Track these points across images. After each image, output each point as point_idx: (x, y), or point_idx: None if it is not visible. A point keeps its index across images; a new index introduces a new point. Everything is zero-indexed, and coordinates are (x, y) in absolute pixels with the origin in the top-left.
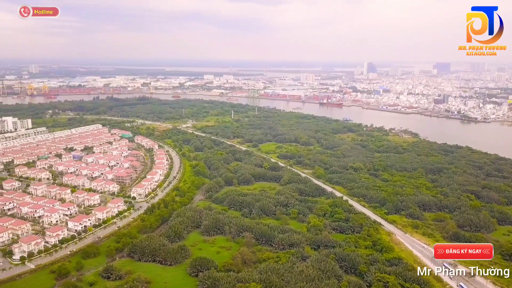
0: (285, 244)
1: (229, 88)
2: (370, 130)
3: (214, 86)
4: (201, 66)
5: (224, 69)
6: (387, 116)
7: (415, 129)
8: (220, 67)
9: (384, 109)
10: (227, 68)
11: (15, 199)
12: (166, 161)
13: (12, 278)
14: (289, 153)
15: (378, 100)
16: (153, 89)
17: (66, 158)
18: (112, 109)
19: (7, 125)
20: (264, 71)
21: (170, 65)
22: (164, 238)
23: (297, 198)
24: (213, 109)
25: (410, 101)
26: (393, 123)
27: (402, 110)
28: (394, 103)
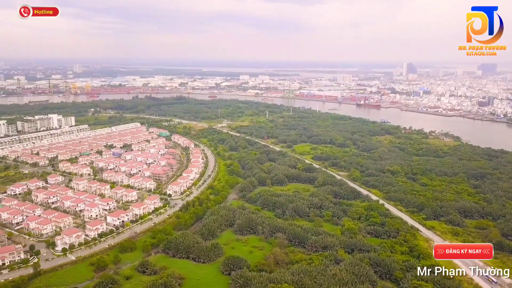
0: (318, 247)
1: (264, 88)
2: (408, 132)
3: (250, 87)
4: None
5: (259, 70)
6: (427, 118)
7: (457, 133)
8: (255, 67)
9: (424, 111)
10: (262, 68)
11: (58, 193)
12: (201, 159)
13: (55, 268)
14: (324, 154)
15: (417, 102)
16: (190, 89)
17: (106, 155)
18: (151, 108)
19: (52, 122)
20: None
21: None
22: (198, 236)
23: (331, 200)
24: (248, 109)
25: (452, 103)
26: (433, 126)
27: (443, 113)
28: (435, 105)
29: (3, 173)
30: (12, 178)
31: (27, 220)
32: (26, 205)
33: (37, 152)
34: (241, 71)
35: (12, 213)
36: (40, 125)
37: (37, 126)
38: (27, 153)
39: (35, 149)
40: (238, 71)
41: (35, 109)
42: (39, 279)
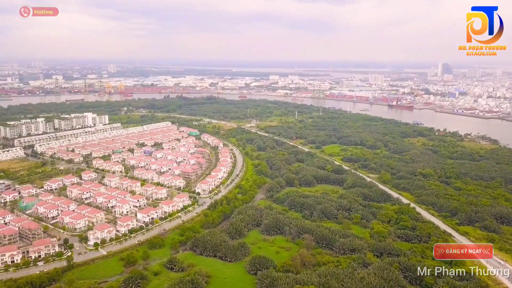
0: (346, 249)
1: (294, 88)
2: (442, 134)
3: (279, 87)
4: (267, 67)
5: (289, 70)
6: (462, 120)
7: (495, 135)
8: (285, 67)
9: (460, 113)
10: (292, 68)
11: (91, 189)
12: (230, 159)
13: (87, 262)
14: (354, 156)
15: (453, 103)
16: (220, 89)
17: (137, 153)
18: (181, 108)
19: (87, 120)
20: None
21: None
22: (225, 235)
23: (360, 202)
24: (277, 109)
25: (490, 105)
26: (469, 128)
27: (480, 115)
28: (471, 107)
29: (41, 169)
30: (48, 174)
31: (62, 215)
32: (61, 200)
33: (72, 149)
34: (271, 71)
35: (48, 208)
36: (75, 123)
37: (73, 124)
38: (63, 150)
39: (70, 146)
40: (267, 71)
41: (71, 108)
42: (72, 272)
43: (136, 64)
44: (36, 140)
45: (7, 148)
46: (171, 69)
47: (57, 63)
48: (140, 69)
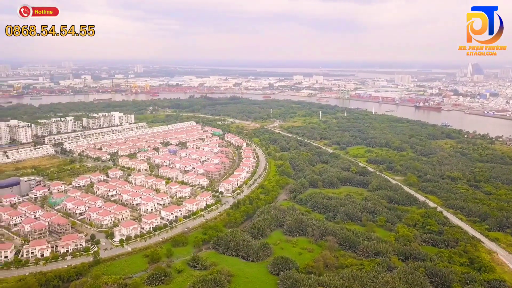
0: (370, 252)
1: (318, 88)
2: (472, 137)
3: (303, 87)
4: (291, 67)
5: (314, 70)
6: (493, 122)
7: None
8: (310, 67)
9: (490, 115)
10: (317, 68)
11: (118, 186)
12: (253, 159)
13: (112, 258)
14: (379, 158)
15: (483, 105)
16: (244, 89)
17: (162, 152)
18: (205, 108)
19: (114, 119)
20: (356, 71)
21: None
22: (248, 234)
23: (385, 205)
24: (300, 110)
25: None
26: (500, 131)
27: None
28: (503, 109)
29: (69, 166)
30: (77, 171)
31: (89, 211)
32: (88, 196)
33: (99, 147)
34: (295, 71)
35: (76, 204)
36: (103, 121)
37: (101, 122)
38: (91, 148)
39: (98, 144)
40: (291, 71)
41: (99, 107)
42: (98, 267)
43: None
44: (65, 138)
45: (38, 145)
46: (196, 69)
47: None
48: (166, 69)
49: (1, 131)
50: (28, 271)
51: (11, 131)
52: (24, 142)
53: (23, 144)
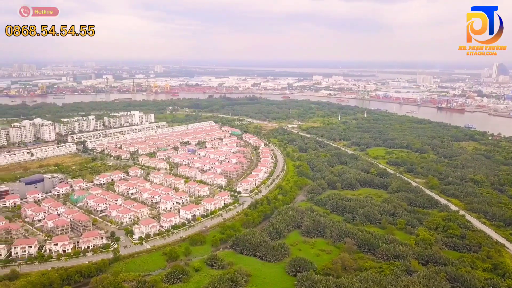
0: (390, 255)
1: (338, 89)
2: (496, 139)
3: (322, 87)
4: (310, 67)
5: (333, 70)
6: None
7: None
8: (329, 67)
9: None
10: (336, 69)
11: (137, 185)
12: (271, 159)
13: (132, 255)
14: (399, 159)
15: (509, 106)
16: (262, 89)
17: (181, 151)
18: (224, 108)
19: (134, 118)
20: (376, 72)
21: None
22: (265, 235)
23: (405, 208)
24: (319, 110)
25: None
26: None
27: None
28: None
29: (91, 164)
30: (98, 169)
31: (109, 209)
32: (109, 194)
33: (120, 146)
34: (314, 71)
35: (97, 201)
36: (124, 121)
37: (121, 121)
38: (111, 146)
39: (118, 143)
40: (311, 72)
41: (120, 106)
42: (118, 263)
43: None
44: (87, 136)
45: (61, 143)
46: (215, 70)
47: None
48: (186, 69)
49: (26, 130)
50: (50, 266)
51: (36, 130)
52: (48, 140)
53: (47, 142)
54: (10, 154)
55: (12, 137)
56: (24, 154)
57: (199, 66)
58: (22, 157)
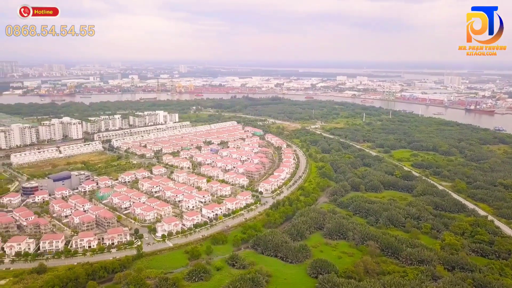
0: (414, 260)
1: (362, 90)
2: None
3: (346, 88)
4: (334, 67)
5: (358, 70)
6: None
7: None
8: (354, 68)
9: None
10: (361, 69)
11: (161, 183)
12: (293, 160)
13: (154, 252)
14: (425, 162)
15: None
16: (285, 89)
17: (204, 151)
18: (247, 108)
19: (159, 118)
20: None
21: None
22: (287, 235)
23: (431, 211)
24: (343, 111)
25: None
26: None
27: None
28: None
29: (116, 162)
30: (123, 167)
31: (133, 206)
32: (133, 192)
33: (145, 144)
34: (338, 72)
35: (121, 199)
36: (148, 120)
37: (146, 121)
38: (136, 145)
39: (143, 142)
40: (334, 72)
41: (145, 106)
42: (141, 260)
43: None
44: (113, 135)
45: (88, 141)
46: (239, 70)
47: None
48: (209, 70)
49: (55, 128)
50: (76, 261)
51: (64, 128)
52: (75, 138)
53: (74, 140)
54: (40, 152)
55: (42, 135)
56: (52, 151)
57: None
58: (50, 155)
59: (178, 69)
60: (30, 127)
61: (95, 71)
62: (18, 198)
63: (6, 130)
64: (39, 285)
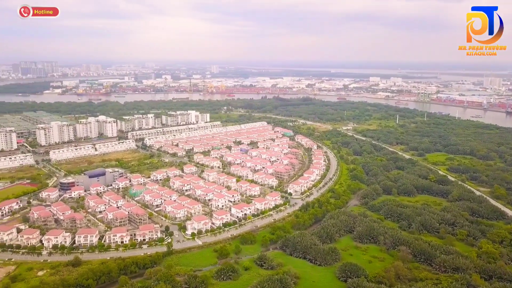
0: (448, 267)
1: (396, 91)
2: None
3: (380, 89)
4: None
5: (392, 71)
6: None
7: None
8: (387, 69)
9: None
10: (395, 70)
11: (192, 182)
12: (323, 161)
13: (184, 250)
14: (461, 166)
15: None
16: (317, 90)
17: (234, 150)
18: (277, 108)
19: (190, 117)
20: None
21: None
22: (316, 238)
23: (467, 218)
24: (376, 113)
25: None
26: None
27: None
28: None
29: (149, 160)
30: (155, 165)
31: (164, 204)
32: (164, 190)
33: (176, 143)
34: (371, 72)
35: (153, 196)
36: (180, 119)
37: (178, 120)
38: (168, 144)
39: (175, 141)
40: (367, 73)
41: (177, 105)
42: (171, 257)
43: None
44: (146, 134)
45: (122, 140)
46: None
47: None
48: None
49: (91, 126)
50: (109, 256)
51: (100, 126)
52: (110, 136)
53: (109, 138)
54: (77, 149)
55: (79, 133)
56: (88, 148)
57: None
58: (87, 152)
59: (210, 70)
60: (68, 125)
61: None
62: (56, 193)
63: (46, 127)
64: (74, 278)
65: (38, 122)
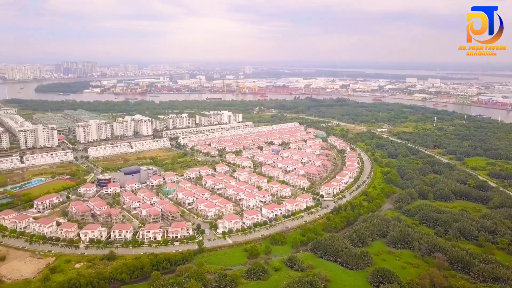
0: (487, 277)
1: (434, 92)
2: None
3: (417, 90)
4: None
5: (429, 72)
6: None
7: None
8: (425, 69)
9: None
10: (433, 71)
11: (223, 181)
12: (357, 164)
13: (215, 248)
14: (504, 172)
15: None
16: (351, 91)
17: (266, 151)
18: (310, 109)
19: (223, 117)
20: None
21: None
22: (348, 241)
23: (509, 226)
24: (412, 114)
25: None
26: None
27: None
28: None
29: (182, 159)
30: (188, 164)
31: (197, 202)
32: (197, 188)
33: (209, 143)
34: (408, 73)
35: (186, 194)
36: (213, 119)
37: (211, 120)
38: (201, 143)
39: (208, 140)
40: (404, 74)
41: (211, 105)
42: (202, 255)
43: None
44: (180, 133)
45: (157, 138)
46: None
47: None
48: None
49: (128, 124)
50: (142, 251)
51: (135, 125)
52: (145, 135)
53: (144, 136)
54: (113, 146)
55: (116, 131)
56: (125, 146)
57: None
58: (123, 149)
59: (243, 70)
60: (106, 123)
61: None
62: (93, 189)
63: (85, 125)
64: (109, 271)
65: (77, 120)
